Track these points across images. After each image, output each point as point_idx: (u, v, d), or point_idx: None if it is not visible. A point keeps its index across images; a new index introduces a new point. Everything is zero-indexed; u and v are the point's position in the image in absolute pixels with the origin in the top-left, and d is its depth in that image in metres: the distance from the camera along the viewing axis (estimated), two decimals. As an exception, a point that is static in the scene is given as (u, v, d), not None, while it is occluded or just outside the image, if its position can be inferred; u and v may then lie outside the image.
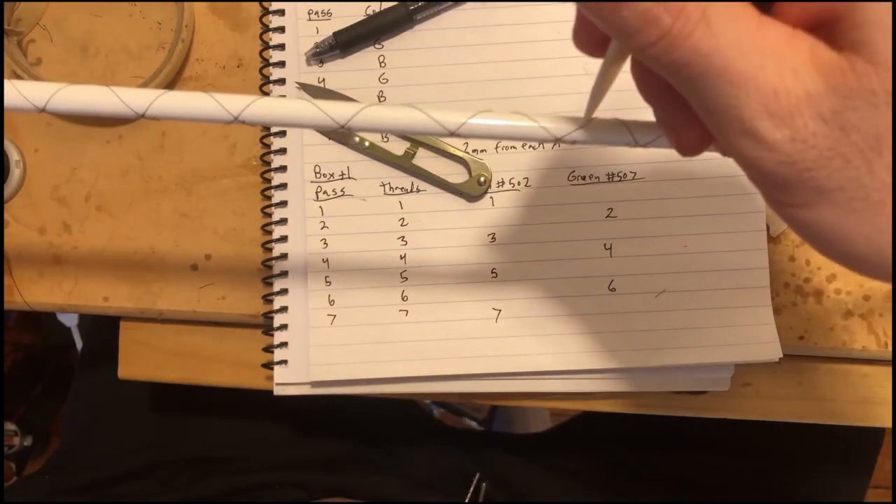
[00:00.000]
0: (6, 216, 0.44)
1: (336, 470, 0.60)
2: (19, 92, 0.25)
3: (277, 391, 0.42)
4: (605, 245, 0.40)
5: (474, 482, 0.61)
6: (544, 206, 0.41)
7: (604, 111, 0.26)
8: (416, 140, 0.41)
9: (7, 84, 0.25)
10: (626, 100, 0.26)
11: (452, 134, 0.25)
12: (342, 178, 0.41)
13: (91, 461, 0.60)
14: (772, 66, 0.18)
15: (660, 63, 0.19)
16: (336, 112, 0.24)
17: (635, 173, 0.40)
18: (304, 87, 0.42)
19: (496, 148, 0.41)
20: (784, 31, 0.19)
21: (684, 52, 0.18)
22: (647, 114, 0.24)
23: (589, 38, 0.23)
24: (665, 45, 0.18)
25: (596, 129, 0.25)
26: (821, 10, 0.19)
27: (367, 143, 0.41)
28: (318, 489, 0.59)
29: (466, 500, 0.60)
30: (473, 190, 0.41)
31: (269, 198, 0.42)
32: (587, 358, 0.40)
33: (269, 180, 0.42)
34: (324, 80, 0.42)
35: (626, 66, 0.24)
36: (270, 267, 0.42)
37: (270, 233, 0.42)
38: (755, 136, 0.19)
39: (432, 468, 0.63)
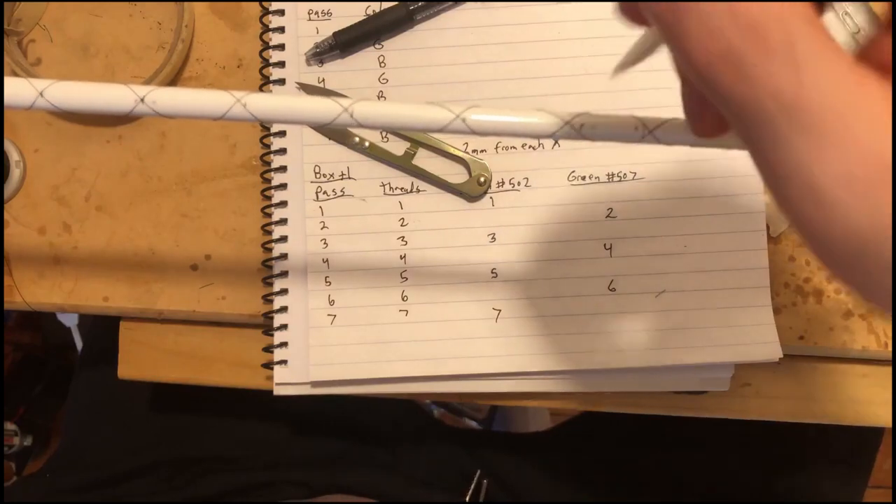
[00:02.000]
0: (6, 216, 0.44)
1: (337, 468, 0.60)
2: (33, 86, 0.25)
3: (277, 391, 0.42)
4: (605, 245, 0.40)
5: (475, 480, 0.61)
6: (544, 206, 0.41)
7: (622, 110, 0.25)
8: (416, 140, 0.41)
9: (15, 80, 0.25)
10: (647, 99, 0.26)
11: (463, 130, 0.24)
12: (342, 179, 0.41)
13: (91, 461, 0.60)
14: (864, 128, 0.15)
15: (715, 91, 0.16)
16: (353, 106, 0.24)
17: (635, 173, 0.40)
18: (304, 88, 0.42)
19: (496, 148, 0.41)
20: (881, 85, 0.16)
21: (757, 91, 0.15)
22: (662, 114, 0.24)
23: (633, 13, 0.20)
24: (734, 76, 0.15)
25: (599, 124, 0.25)
26: None
27: (367, 144, 0.41)
28: (318, 487, 0.59)
29: (467, 499, 0.60)
30: (473, 190, 0.41)
31: (269, 198, 0.42)
32: (587, 358, 0.40)
33: (269, 180, 0.42)
34: (324, 80, 0.42)
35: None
36: (270, 267, 0.42)
37: (270, 233, 0.42)
38: (824, 204, 0.16)
39: (432, 467, 0.63)
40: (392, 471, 0.61)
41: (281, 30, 0.42)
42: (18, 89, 0.25)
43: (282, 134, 0.42)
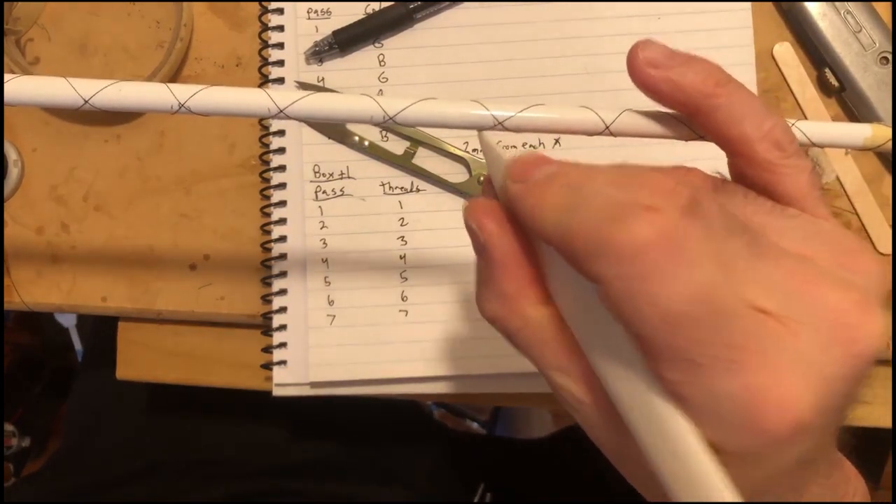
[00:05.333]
0: (4, 216, 0.44)
1: (336, 475, 0.59)
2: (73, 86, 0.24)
3: (276, 392, 0.42)
4: (605, 245, 0.40)
5: (479, 492, 0.60)
6: (545, 206, 0.40)
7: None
8: (415, 139, 0.41)
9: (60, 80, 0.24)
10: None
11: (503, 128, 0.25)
12: (341, 178, 0.41)
13: (92, 463, 0.60)
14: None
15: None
16: (389, 106, 0.24)
17: (636, 173, 0.40)
18: (304, 86, 0.42)
19: (496, 147, 0.41)
20: None
21: None
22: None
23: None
24: None
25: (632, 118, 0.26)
26: None
27: (366, 143, 0.41)
28: (318, 495, 0.58)
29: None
30: (473, 189, 0.41)
31: (269, 197, 0.42)
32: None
33: (268, 180, 0.42)
34: (323, 79, 0.42)
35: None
36: (269, 267, 0.42)
37: (269, 233, 0.42)
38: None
39: (434, 475, 0.62)
40: (392, 481, 0.61)
41: (280, 28, 0.42)
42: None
43: (281, 133, 0.42)
